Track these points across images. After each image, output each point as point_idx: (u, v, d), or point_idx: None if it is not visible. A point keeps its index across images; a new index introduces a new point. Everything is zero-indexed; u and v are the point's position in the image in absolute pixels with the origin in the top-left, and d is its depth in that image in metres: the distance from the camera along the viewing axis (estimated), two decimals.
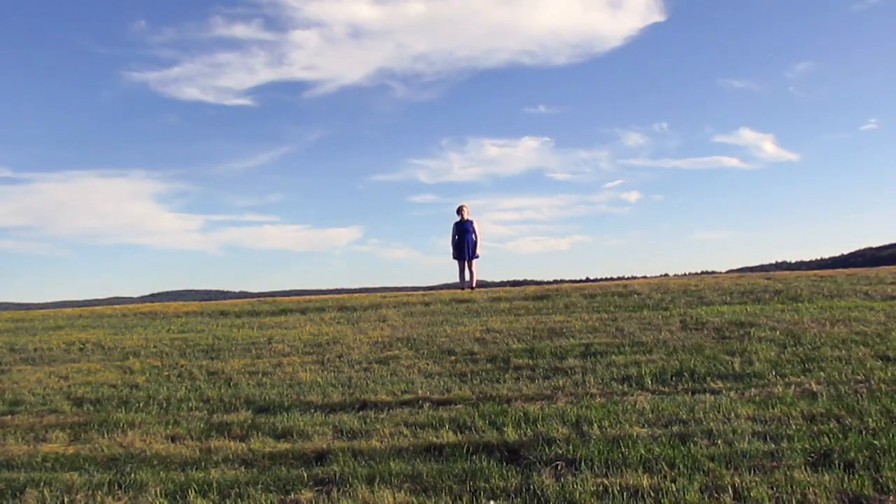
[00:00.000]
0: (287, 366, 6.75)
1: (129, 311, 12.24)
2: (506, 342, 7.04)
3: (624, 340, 6.69)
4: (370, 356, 6.92)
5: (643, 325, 7.45)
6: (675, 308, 8.59)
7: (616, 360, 5.93)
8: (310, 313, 10.57)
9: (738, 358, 5.67)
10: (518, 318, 8.69)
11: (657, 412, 4.47)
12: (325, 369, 6.53)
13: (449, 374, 6.00)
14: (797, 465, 3.50)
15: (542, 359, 6.23)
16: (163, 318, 11.17)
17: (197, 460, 4.23)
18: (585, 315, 8.46)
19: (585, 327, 7.54)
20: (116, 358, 7.71)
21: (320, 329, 8.81)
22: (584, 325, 7.64)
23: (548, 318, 8.47)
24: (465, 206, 13.15)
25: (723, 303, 8.77)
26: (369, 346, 7.41)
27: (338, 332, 8.47)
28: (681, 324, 7.34)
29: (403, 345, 7.34)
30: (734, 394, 4.77)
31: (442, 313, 9.53)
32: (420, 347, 7.13)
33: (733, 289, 9.83)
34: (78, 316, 11.84)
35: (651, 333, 6.93)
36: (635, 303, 9.27)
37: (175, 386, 6.27)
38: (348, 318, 9.73)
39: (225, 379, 6.40)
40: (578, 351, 6.40)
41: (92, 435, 4.91)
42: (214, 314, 11.21)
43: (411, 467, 3.83)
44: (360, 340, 7.70)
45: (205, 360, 7.34)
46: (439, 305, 10.25)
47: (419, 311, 9.84)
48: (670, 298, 9.37)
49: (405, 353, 6.93)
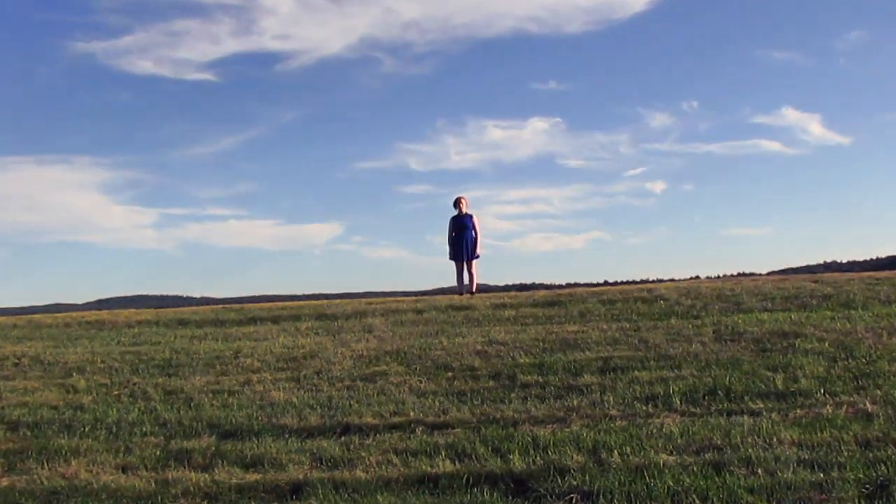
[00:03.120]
0: (257, 384, 6.75)
1: (73, 319, 12.12)
2: (511, 356, 7.05)
3: (648, 354, 6.70)
4: (354, 372, 6.92)
5: (671, 335, 7.46)
6: (707, 316, 8.60)
7: (639, 376, 5.94)
8: (283, 322, 10.53)
9: (780, 374, 5.67)
10: (525, 327, 8.69)
11: (687, 437, 4.46)
12: (302, 388, 6.53)
13: (445, 392, 6.00)
14: (849, 497, 3.49)
15: (553, 375, 6.24)
16: (112, 328, 11.12)
17: (152, 494, 4.21)
18: (604, 324, 8.47)
19: (604, 338, 7.54)
20: (58, 375, 7.67)
21: (296, 341, 8.78)
22: (602, 336, 7.65)
23: (560, 327, 8.47)
24: (463, 199, 13.13)
25: (763, 309, 8.78)
26: (353, 360, 7.42)
27: (316, 344, 8.46)
28: (714, 334, 7.36)
29: (392, 359, 7.34)
30: (776, 415, 4.78)
31: (437, 322, 9.52)
32: (412, 362, 7.13)
33: (775, 293, 9.85)
34: (12, 326, 11.76)
35: (680, 345, 6.94)
36: (661, 310, 9.28)
37: (126, 407, 6.24)
38: (328, 329, 9.71)
39: (184, 399, 6.39)
40: (596, 366, 6.41)
41: (29, 465, 4.87)
42: (172, 324, 11.17)
43: (402, 501, 3.81)
44: (343, 354, 7.69)
45: (161, 377, 7.32)
46: (434, 313, 10.25)
47: (410, 320, 9.85)
48: (702, 305, 9.38)
49: (394, 368, 6.94)
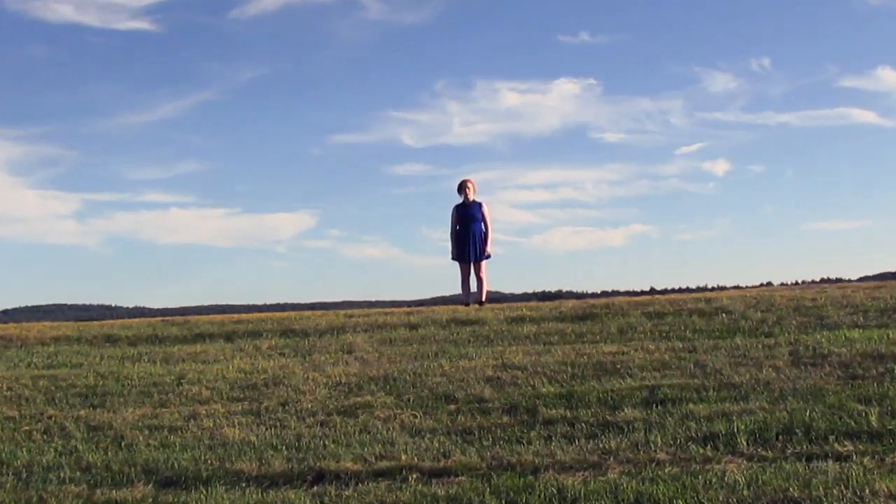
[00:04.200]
0: (206, 418, 6.72)
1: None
2: (531, 384, 7.03)
3: (706, 381, 6.68)
4: (329, 404, 6.89)
5: (735, 358, 7.43)
6: (781, 334, 8.58)
7: (695, 410, 5.91)
8: (239, 340, 10.47)
9: (875, 407, 5.63)
10: (550, 347, 8.65)
11: (756, 487, 4.44)
12: (263, 423, 6.50)
13: (446, 430, 5.98)
14: None
15: (585, 408, 6.20)
16: (21, 345, 11.04)
17: None
18: (650, 343, 8.44)
19: (649, 362, 7.51)
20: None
21: (255, 364, 8.75)
22: (647, 359, 7.62)
23: (594, 348, 8.43)
24: (470, 183, 13.13)
25: (853, 325, 8.73)
26: (328, 388, 7.39)
27: (281, 368, 8.42)
28: (791, 356, 7.34)
29: (379, 387, 7.31)
30: (869, 460, 4.76)
31: (436, 340, 9.45)
32: (403, 391, 7.11)
33: (868, 305, 9.78)
34: None
35: (747, 371, 6.92)
36: (723, 325, 9.22)
37: (40, 447, 6.21)
38: (297, 348, 9.66)
39: (114, 437, 6.37)
40: (639, 397, 6.40)
41: None
42: (98, 341, 11.08)
43: None
44: (315, 381, 7.67)
45: (84, 408, 7.29)
46: (432, 329, 10.16)
47: (402, 338, 9.77)
48: (775, 319, 9.35)
49: (381, 399, 6.91)
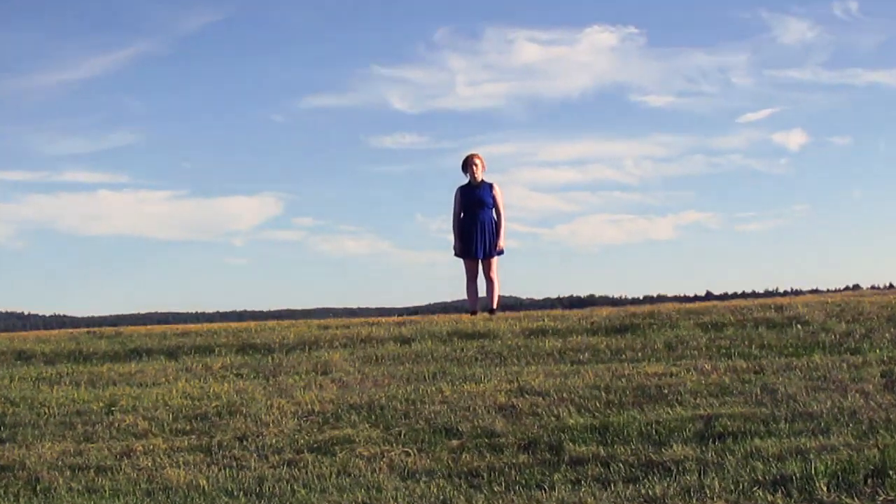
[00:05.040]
0: (143, 455, 6.73)
1: None
2: (555, 413, 7.05)
3: (777, 410, 6.70)
4: (299, 439, 6.91)
5: (813, 381, 7.45)
6: (872, 350, 8.62)
7: (762, 446, 5.93)
8: (185, 357, 10.54)
9: None
10: (578, 367, 8.67)
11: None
12: (215, 463, 6.52)
13: (447, 472, 6.00)
14: None
15: (622, 445, 6.24)
16: None
17: None
18: (705, 362, 8.44)
19: (705, 385, 7.54)
20: None
21: (205, 387, 8.80)
22: (702, 382, 7.65)
23: (634, 368, 8.46)
24: (477, 159, 13.30)
25: None
26: (298, 419, 7.42)
27: (238, 392, 8.48)
28: (883, 379, 7.37)
29: (362, 418, 7.35)
30: None
31: (434, 359, 9.49)
32: (393, 423, 7.15)
33: None
34: None
35: (828, 397, 6.95)
36: (798, 339, 9.25)
37: None
38: (258, 368, 9.71)
39: (27, 479, 6.39)
40: (692, 430, 6.43)
41: None
42: (6, 357, 11.20)
43: None
44: (281, 409, 7.69)
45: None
46: (429, 344, 10.21)
47: (391, 355, 9.82)
48: (864, 331, 9.38)
49: (365, 432, 6.93)
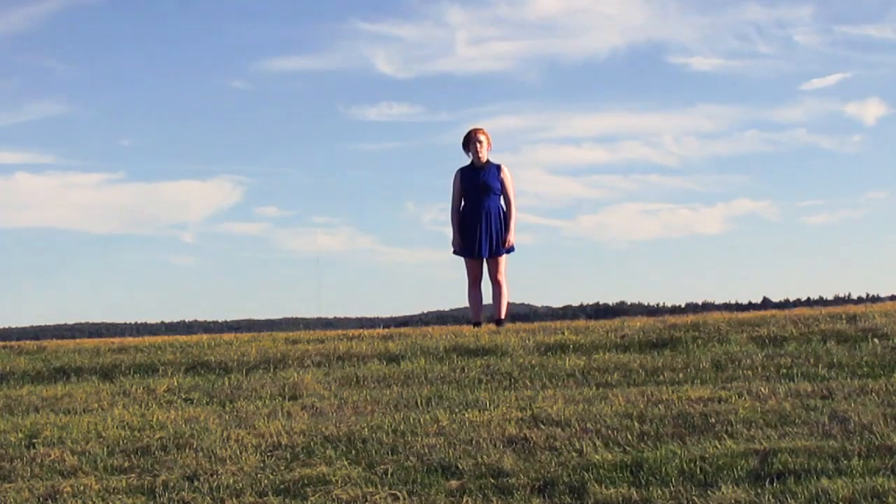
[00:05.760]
0: (72, 498, 6.43)
1: None
2: (577, 447, 6.74)
3: (849, 444, 6.38)
4: (262, 478, 6.56)
5: (892, 407, 7.22)
6: None
7: (831, 487, 5.63)
8: (123, 378, 10.41)
9: None
10: (606, 391, 8.42)
11: None
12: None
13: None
14: None
15: (660, 486, 5.92)
16: None
17: None
18: (760, 385, 8.18)
19: (761, 413, 7.26)
20: None
21: (147, 415, 8.49)
22: (757, 409, 7.38)
23: (674, 391, 8.18)
24: (482, 135, 12.96)
25: None
26: (261, 454, 7.08)
27: (188, 422, 8.18)
28: None
29: (340, 453, 7.02)
30: None
31: (428, 380, 9.31)
32: (377, 459, 6.82)
33: None
34: None
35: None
36: (875, 356, 9.11)
37: None
38: (212, 392, 9.53)
39: None
40: (745, 467, 6.12)
41: None
42: None
43: None
44: (241, 442, 7.36)
45: None
46: (422, 362, 10.08)
47: (375, 376, 9.64)
48: None
49: (343, 470, 6.59)
